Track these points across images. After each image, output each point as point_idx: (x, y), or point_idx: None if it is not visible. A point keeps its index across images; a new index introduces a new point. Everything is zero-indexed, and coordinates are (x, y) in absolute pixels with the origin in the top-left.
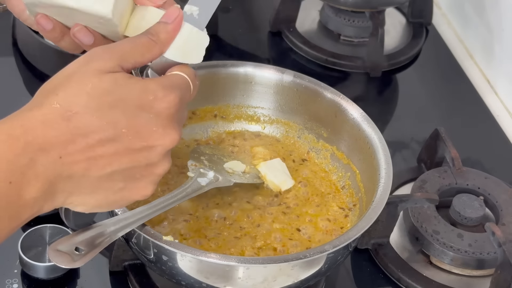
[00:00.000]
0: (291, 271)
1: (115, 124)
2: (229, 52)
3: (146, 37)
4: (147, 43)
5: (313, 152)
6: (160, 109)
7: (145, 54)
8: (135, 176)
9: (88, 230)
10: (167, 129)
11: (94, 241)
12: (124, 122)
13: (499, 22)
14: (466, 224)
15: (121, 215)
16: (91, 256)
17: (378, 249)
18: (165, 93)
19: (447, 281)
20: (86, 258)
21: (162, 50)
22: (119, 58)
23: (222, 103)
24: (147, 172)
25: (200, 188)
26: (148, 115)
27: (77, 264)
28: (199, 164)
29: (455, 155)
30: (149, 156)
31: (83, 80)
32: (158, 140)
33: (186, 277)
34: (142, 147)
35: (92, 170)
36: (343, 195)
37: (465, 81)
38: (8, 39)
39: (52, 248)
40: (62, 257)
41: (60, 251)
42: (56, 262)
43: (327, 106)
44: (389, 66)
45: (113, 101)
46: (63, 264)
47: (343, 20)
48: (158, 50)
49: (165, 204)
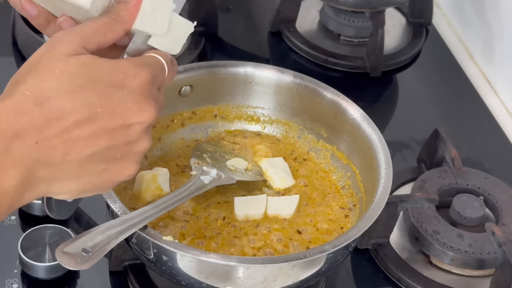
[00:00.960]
0: (291, 271)
1: (88, 105)
2: (229, 52)
3: (106, 16)
4: (108, 22)
5: (313, 152)
6: (132, 86)
7: (107, 33)
8: (116, 156)
9: (93, 232)
10: (143, 105)
11: (101, 243)
12: (98, 102)
13: (499, 22)
14: (466, 224)
15: (126, 215)
16: (98, 258)
17: (378, 249)
18: (136, 71)
19: (447, 281)
20: (93, 260)
21: (125, 27)
22: (82, 40)
23: (222, 103)
24: (127, 151)
25: (203, 186)
26: (121, 92)
27: (84, 266)
28: (202, 162)
29: (455, 155)
30: (127, 134)
31: (49, 65)
32: (135, 117)
33: (186, 277)
34: (119, 126)
35: (71, 154)
36: (343, 195)
37: (465, 81)
38: (8, 39)
39: (59, 250)
40: (69, 259)
41: (67, 253)
42: (63, 264)
43: (327, 106)
44: (389, 66)
45: (83, 83)
46: (70, 266)
47: (343, 20)
48: (120, 28)
49: (169, 203)
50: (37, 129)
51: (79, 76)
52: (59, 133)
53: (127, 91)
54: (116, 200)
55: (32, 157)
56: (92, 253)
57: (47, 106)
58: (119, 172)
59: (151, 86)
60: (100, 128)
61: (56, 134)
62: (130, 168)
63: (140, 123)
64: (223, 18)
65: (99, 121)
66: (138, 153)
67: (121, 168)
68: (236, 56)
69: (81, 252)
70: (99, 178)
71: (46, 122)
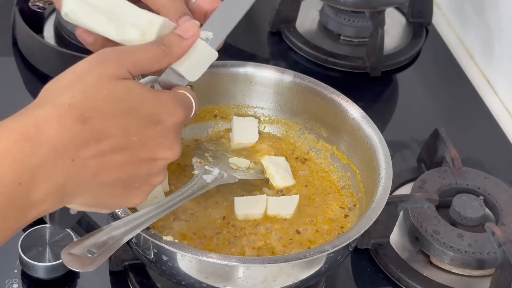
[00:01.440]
0: (291, 271)
1: (127, 132)
2: (229, 52)
3: (159, 47)
4: (159, 53)
5: (313, 152)
6: (168, 122)
7: (154, 64)
8: (134, 184)
9: (99, 233)
10: (172, 143)
11: (106, 244)
12: (135, 131)
13: (499, 22)
14: (466, 224)
15: (130, 216)
16: (104, 258)
17: (378, 249)
18: (174, 108)
19: (447, 281)
20: (99, 261)
21: (171, 62)
22: (131, 65)
23: (222, 103)
24: (145, 181)
25: (205, 186)
26: (157, 127)
27: (90, 267)
28: (204, 161)
29: (455, 155)
30: (151, 167)
31: (97, 84)
32: (163, 153)
33: (186, 277)
34: (147, 158)
35: (100, 176)
36: (343, 195)
37: (465, 81)
38: (8, 39)
39: (65, 252)
40: (75, 261)
41: (73, 255)
42: (69, 265)
43: (327, 106)
44: (389, 66)
45: (127, 109)
46: (76, 268)
47: (343, 20)
48: (167, 62)
49: (172, 203)
50: (75, 147)
51: (124, 101)
52: (95, 154)
53: (162, 126)
54: None
55: (66, 173)
56: (97, 254)
57: (89, 125)
58: (130, 199)
59: (182, 125)
60: (131, 157)
61: (92, 155)
62: (140, 197)
63: (165, 159)
64: None
65: (132, 149)
66: (152, 186)
67: (133, 196)
68: (236, 56)
69: (86, 254)
70: (113, 200)
71: (85, 142)
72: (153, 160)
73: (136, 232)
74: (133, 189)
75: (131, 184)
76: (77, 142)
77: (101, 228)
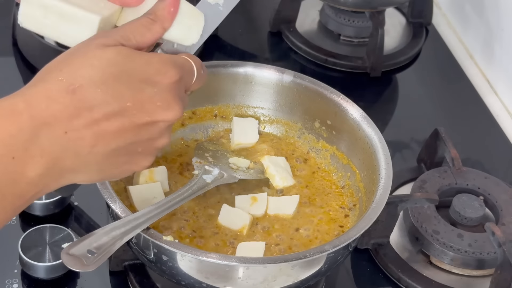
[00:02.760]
0: (291, 271)
1: (120, 97)
2: (229, 52)
3: (144, 17)
4: (146, 22)
5: (313, 152)
6: (163, 83)
7: (146, 33)
8: (137, 149)
9: (98, 233)
10: (171, 104)
11: (106, 244)
12: (129, 96)
13: (499, 22)
14: (466, 224)
15: (130, 216)
16: (104, 259)
17: (378, 249)
18: (166, 69)
19: (447, 281)
20: (99, 261)
21: (164, 27)
22: (121, 38)
23: (222, 103)
24: (148, 145)
25: (205, 186)
26: (152, 89)
27: (90, 268)
28: (204, 161)
29: (455, 155)
30: (151, 131)
31: (86, 53)
32: (162, 115)
33: (186, 277)
34: (146, 122)
35: (98, 146)
36: (343, 195)
37: (465, 81)
38: (8, 39)
39: (64, 252)
40: (75, 261)
41: (72, 255)
42: (69, 266)
43: (327, 106)
44: (389, 66)
45: (117, 73)
46: (76, 268)
47: (343, 20)
48: (159, 28)
49: (172, 203)
50: (67, 118)
51: (114, 65)
52: (88, 124)
53: (158, 88)
54: (116, 200)
55: (60, 146)
56: (97, 254)
57: (79, 94)
58: (137, 163)
59: (179, 85)
60: (128, 122)
61: (86, 125)
62: (147, 160)
63: (165, 121)
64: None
65: (128, 115)
66: (156, 148)
67: (139, 160)
68: (236, 56)
69: (86, 254)
70: (119, 169)
71: (77, 112)
72: (153, 123)
73: (136, 232)
74: (136, 154)
75: (134, 150)
76: (68, 113)
77: (100, 228)
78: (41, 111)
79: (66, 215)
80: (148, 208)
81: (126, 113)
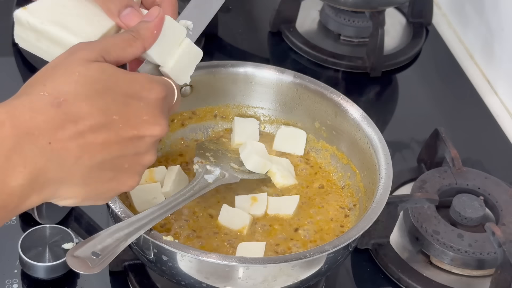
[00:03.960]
0: (291, 271)
1: (106, 111)
2: (229, 52)
3: (127, 33)
4: (128, 38)
5: (313, 152)
6: (150, 98)
7: (127, 48)
8: (124, 165)
9: (102, 235)
10: (157, 119)
11: (110, 246)
12: (115, 109)
13: (499, 22)
14: (466, 224)
15: (133, 217)
16: (109, 260)
17: (378, 249)
18: (152, 86)
19: (447, 281)
20: (104, 263)
21: (144, 46)
22: (101, 50)
23: (222, 103)
24: (135, 162)
25: (207, 186)
26: (138, 103)
27: (95, 270)
28: (205, 161)
29: (455, 155)
30: (138, 145)
31: (69, 69)
32: (148, 129)
33: (186, 277)
34: (132, 136)
35: (83, 158)
36: (343, 195)
37: (465, 81)
38: (8, 39)
39: (69, 254)
40: (80, 263)
41: (77, 257)
42: (74, 268)
43: (327, 106)
44: (389, 66)
45: (102, 89)
46: (82, 270)
47: (343, 20)
48: (139, 45)
49: (175, 203)
50: (51, 129)
51: (98, 82)
52: (73, 136)
53: (144, 102)
54: (116, 200)
55: (44, 157)
56: (102, 256)
57: (63, 108)
58: (124, 182)
59: (164, 103)
60: (114, 135)
61: (71, 137)
62: (133, 179)
63: (152, 136)
64: (223, 18)
65: (114, 128)
66: (143, 166)
67: (126, 179)
68: (236, 56)
69: (91, 256)
70: (105, 187)
71: (62, 124)
72: (139, 138)
73: (140, 234)
74: (123, 171)
75: (120, 165)
76: (52, 124)
77: (104, 230)
78: (24, 121)
79: (66, 215)
80: (151, 209)
81: (112, 126)
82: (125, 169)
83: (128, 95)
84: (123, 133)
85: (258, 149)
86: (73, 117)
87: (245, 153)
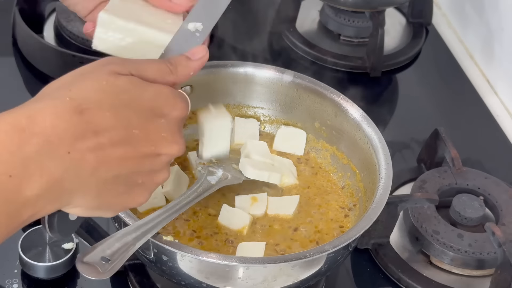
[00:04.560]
0: (291, 271)
1: (127, 124)
2: (229, 52)
3: (165, 63)
4: (164, 69)
5: (313, 152)
6: (172, 115)
7: (157, 78)
8: (137, 181)
9: (110, 240)
10: (176, 137)
11: (119, 250)
12: (137, 123)
13: (499, 22)
14: (466, 224)
15: (140, 221)
16: (119, 265)
17: (378, 249)
18: (176, 101)
19: (447, 281)
20: (114, 268)
21: (175, 81)
22: (133, 69)
23: (222, 103)
24: (148, 179)
25: (210, 187)
26: (159, 119)
27: (106, 275)
28: (207, 162)
29: (455, 155)
30: (154, 163)
31: (98, 77)
32: (166, 147)
33: (186, 277)
34: (150, 152)
35: (100, 170)
36: (343, 195)
37: (465, 81)
38: (8, 39)
39: (79, 260)
40: (90, 269)
41: (87, 263)
42: (85, 274)
43: (327, 106)
44: (389, 66)
45: (127, 100)
46: (92, 276)
47: (343, 20)
48: (171, 80)
49: (180, 206)
50: (71, 138)
51: (124, 93)
52: (92, 147)
53: (166, 119)
54: None
55: (62, 167)
56: (111, 261)
57: (87, 116)
58: (134, 198)
59: (183, 121)
60: (132, 150)
61: (89, 148)
62: (143, 196)
63: (168, 155)
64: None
65: (133, 143)
66: (155, 184)
67: (137, 195)
68: (236, 56)
69: (100, 261)
70: (116, 200)
71: (82, 133)
72: (156, 155)
73: (148, 237)
74: (136, 186)
75: (134, 180)
76: (73, 133)
77: (112, 235)
78: (44, 128)
79: None
80: (157, 212)
81: (132, 141)
82: (138, 184)
83: (151, 109)
84: (141, 148)
85: (259, 149)
86: (95, 127)
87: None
